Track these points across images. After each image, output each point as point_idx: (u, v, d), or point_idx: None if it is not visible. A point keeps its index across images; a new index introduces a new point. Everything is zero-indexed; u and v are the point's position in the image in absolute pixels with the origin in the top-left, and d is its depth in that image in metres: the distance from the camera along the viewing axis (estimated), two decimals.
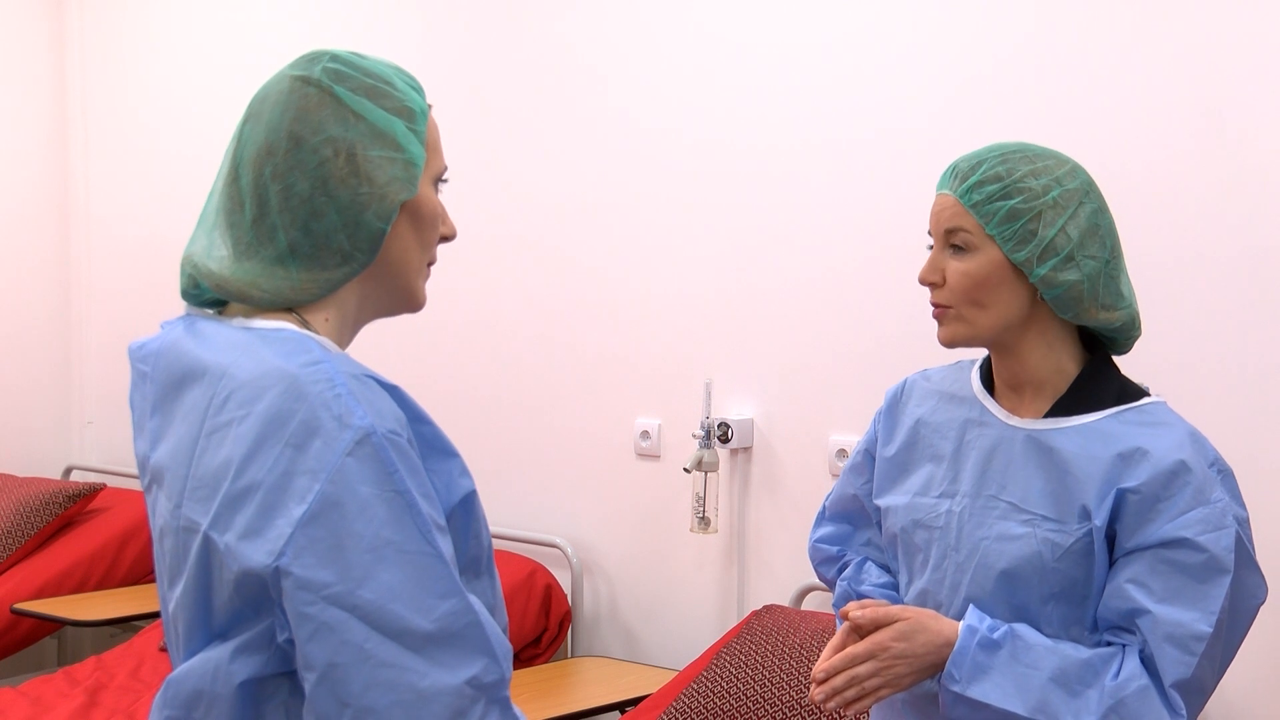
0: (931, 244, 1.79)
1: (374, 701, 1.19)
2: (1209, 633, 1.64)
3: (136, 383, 1.42)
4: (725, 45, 3.38)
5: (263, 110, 1.36)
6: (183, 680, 1.31)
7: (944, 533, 1.81)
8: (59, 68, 4.96)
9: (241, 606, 1.26)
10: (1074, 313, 1.73)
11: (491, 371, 3.84)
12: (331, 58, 1.37)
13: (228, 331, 1.34)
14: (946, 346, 1.79)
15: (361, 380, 1.27)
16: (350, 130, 1.33)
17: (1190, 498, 1.67)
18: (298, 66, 1.37)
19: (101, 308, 4.94)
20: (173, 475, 1.33)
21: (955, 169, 1.76)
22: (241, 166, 1.36)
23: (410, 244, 1.39)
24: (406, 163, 1.35)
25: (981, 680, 1.67)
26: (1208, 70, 2.70)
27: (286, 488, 1.22)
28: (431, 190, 1.40)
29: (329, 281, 1.35)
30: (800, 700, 2.77)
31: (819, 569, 2.06)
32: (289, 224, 1.33)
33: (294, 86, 1.35)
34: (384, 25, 4.08)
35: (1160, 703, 1.64)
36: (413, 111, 1.37)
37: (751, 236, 3.35)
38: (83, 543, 4.22)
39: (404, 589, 1.21)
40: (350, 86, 1.35)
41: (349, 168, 1.33)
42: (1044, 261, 1.70)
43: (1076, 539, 1.70)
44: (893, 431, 1.93)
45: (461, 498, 1.33)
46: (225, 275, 1.35)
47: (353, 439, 1.22)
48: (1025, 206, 1.70)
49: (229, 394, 1.28)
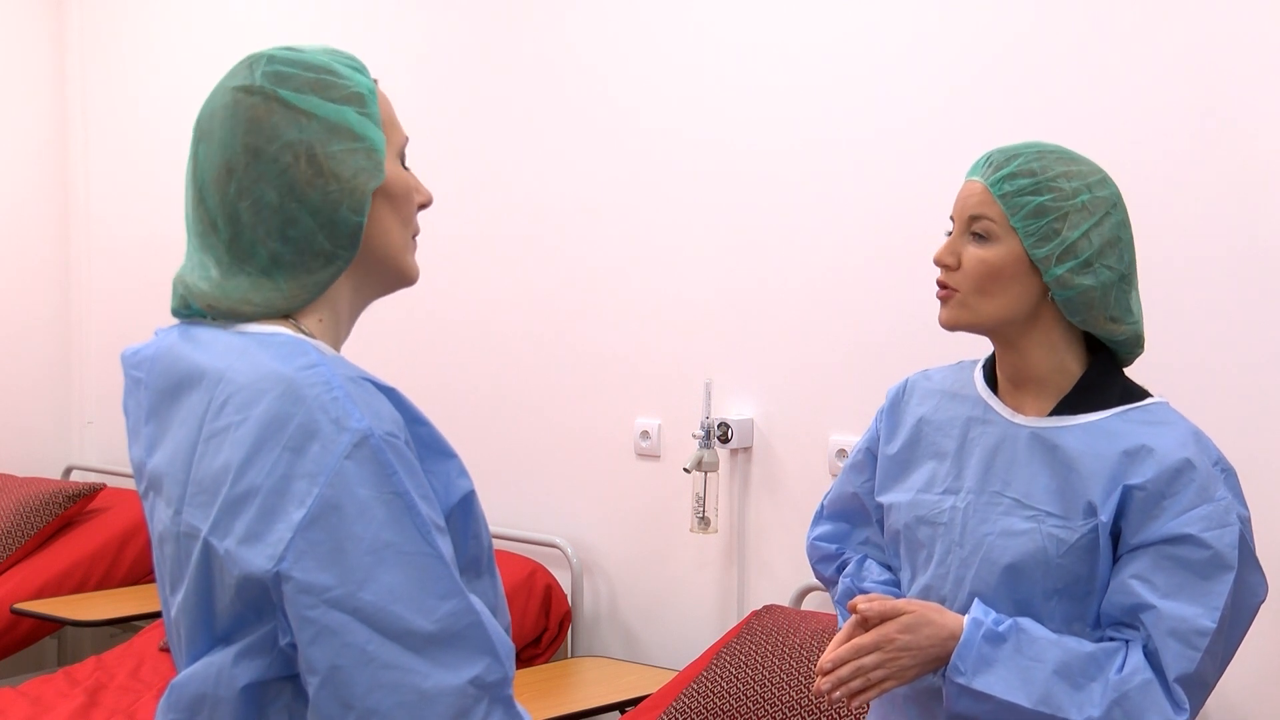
0: (951, 228, 1.80)
1: (378, 703, 1.20)
2: (1212, 628, 1.66)
3: (130, 389, 1.42)
4: (725, 45, 3.38)
5: (213, 128, 1.35)
6: (186, 684, 1.31)
7: (948, 529, 1.82)
8: (59, 68, 4.95)
9: (243, 610, 1.26)
10: (1082, 318, 1.75)
11: (491, 371, 3.84)
12: (268, 60, 1.36)
13: (224, 336, 1.34)
14: (946, 329, 1.80)
15: (358, 383, 1.27)
16: (305, 131, 1.32)
17: (1195, 495, 1.68)
18: (236, 76, 1.36)
19: (101, 308, 4.94)
20: (171, 481, 1.32)
21: (990, 158, 1.78)
22: (205, 189, 1.35)
23: (390, 225, 1.38)
24: (368, 150, 1.34)
25: (986, 673, 1.68)
26: (1208, 70, 2.70)
27: (285, 491, 1.22)
28: (398, 166, 1.39)
29: (317, 284, 1.35)
30: (800, 700, 2.77)
31: (817, 566, 2.07)
32: (266, 236, 1.32)
33: (238, 99, 1.34)
34: (384, 25, 4.07)
35: (1163, 697, 1.66)
36: (361, 96, 1.36)
37: (751, 236, 3.35)
38: (83, 543, 4.22)
39: (405, 590, 1.21)
40: (293, 86, 1.33)
41: (312, 169, 1.32)
42: (1062, 262, 1.71)
43: (1081, 535, 1.72)
44: (895, 430, 1.94)
45: (460, 498, 1.33)
46: (216, 295, 1.35)
47: (350, 441, 1.22)
48: (1053, 205, 1.72)
49: (226, 398, 1.28)
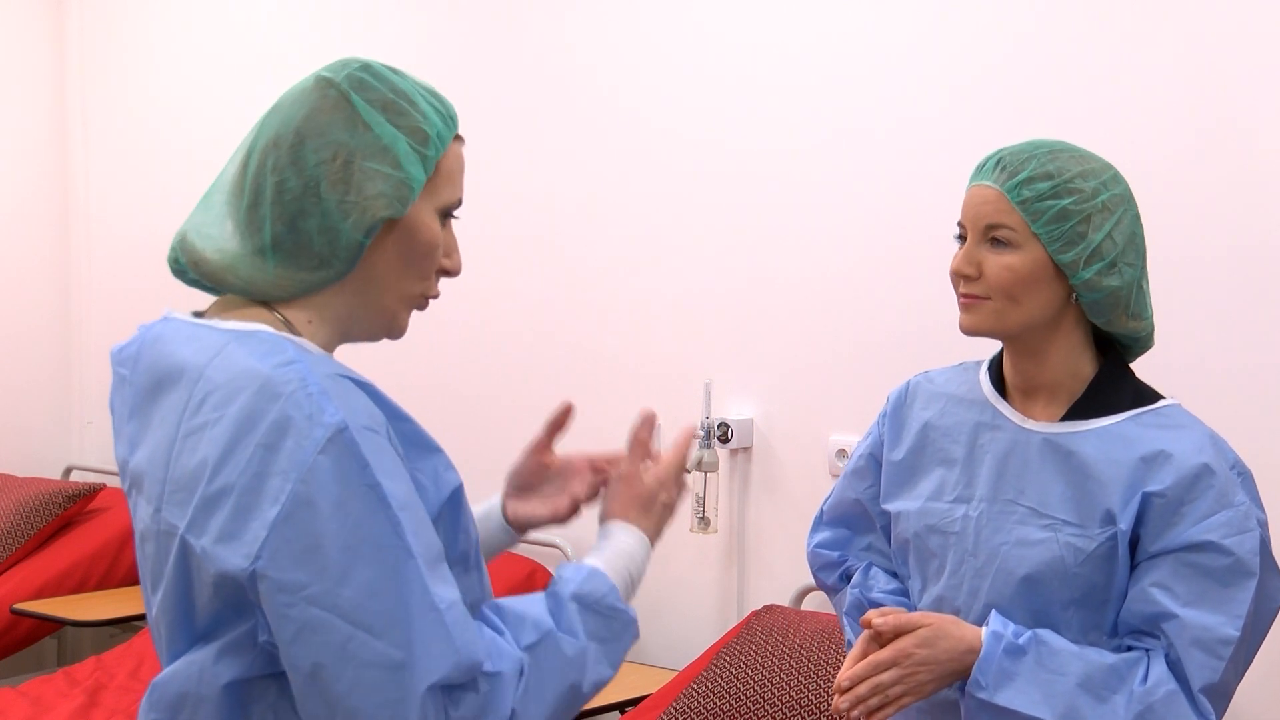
0: (960, 234, 1.75)
1: (359, 703, 1.20)
2: (1236, 637, 1.63)
3: (117, 386, 1.41)
4: (724, 45, 3.38)
5: (285, 103, 1.37)
6: (168, 683, 1.31)
7: (960, 538, 1.78)
8: (59, 68, 4.95)
9: (221, 608, 1.26)
10: (1106, 319, 1.72)
11: (491, 371, 3.84)
12: (363, 66, 1.37)
13: (204, 333, 1.34)
14: (968, 334, 1.76)
15: (335, 379, 1.27)
16: (354, 138, 1.33)
17: (1214, 501, 1.65)
18: (330, 68, 1.38)
19: (101, 308, 4.93)
20: (151, 479, 1.32)
21: (1000, 162, 1.72)
22: (252, 153, 1.36)
23: (395, 266, 1.36)
24: (400, 182, 1.33)
25: (1007, 686, 1.65)
26: (1208, 70, 2.70)
27: (260, 489, 1.21)
28: (433, 219, 1.37)
29: (304, 283, 1.34)
30: (800, 700, 2.77)
31: (819, 574, 2.03)
32: (276, 217, 1.33)
33: (317, 85, 1.36)
34: (384, 25, 4.07)
35: (1189, 707, 1.63)
36: (426, 135, 1.35)
37: (751, 236, 3.35)
38: (82, 543, 4.21)
39: (382, 585, 1.20)
40: (368, 97, 1.34)
41: (342, 174, 1.32)
42: (1089, 265, 1.68)
43: (1099, 543, 1.68)
44: (899, 435, 1.90)
45: (450, 493, 1.33)
46: (206, 255, 1.36)
47: (324, 436, 1.21)
48: (1075, 208, 1.68)
49: (204, 397, 1.28)
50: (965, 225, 1.75)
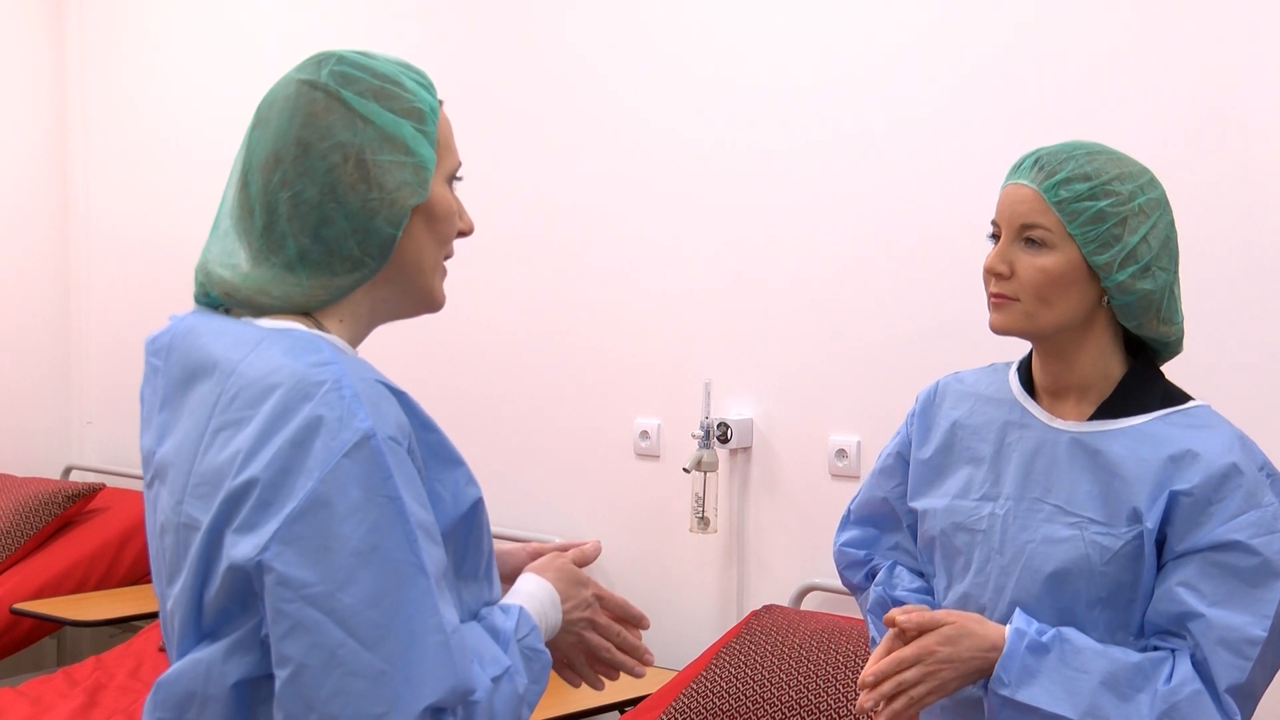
0: (994, 233, 1.75)
1: (339, 711, 1.18)
2: (1263, 637, 1.62)
3: (149, 376, 1.41)
4: (725, 45, 3.38)
5: (270, 116, 1.35)
6: (174, 682, 1.30)
7: (987, 536, 1.78)
8: (59, 68, 4.95)
9: (227, 604, 1.25)
10: (1137, 322, 1.72)
11: (491, 371, 3.84)
12: (338, 60, 1.35)
13: (238, 327, 1.33)
14: (997, 333, 1.75)
15: (369, 384, 1.27)
16: (359, 135, 1.32)
17: (1242, 501, 1.65)
18: (304, 70, 1.36)
19: (101, 308, 4.93)
20: (177, 471, 1.32)
21: (1038, 162, 1.72)
22: (250, 174, 1.35)
23: (425, 245, 1.37)
24: (416, 166, 1.34)
25: (1030, 684, 1.64)
26: (1208, 69, 2.70)
27: (283, 485, 1.21)
28: (445, 188, 1.38)
29: (339, 288, 1.34)
30: (800, 700, 2.77)
31: (844, 573, 2.02)
32: (298, 231, 1.32)
33: (300, 91, 1.34)
34: (384, 25, 4.07)
35: (1214, 708, 1.62)
36: (422, 112, 1.35)
37: (751, 237, 3.35)
38: (82, 543, 4.22)
39: (385, 597, 1.20)
40: (357, 90, 1.33)
41: (358, 173, 1.31)
42: (1124, 268, 1.68)
43: (1126, 542, 1.68)
44: (928, 433, 1.90)
45: (470, 506, 1.33)
46: (236, 283, 1.35)
47: (352, 440, 1.21)
48: (1112, 210, 1.67)
49: (236, 392, 1.27)
50: (999, 224, 1.74)
